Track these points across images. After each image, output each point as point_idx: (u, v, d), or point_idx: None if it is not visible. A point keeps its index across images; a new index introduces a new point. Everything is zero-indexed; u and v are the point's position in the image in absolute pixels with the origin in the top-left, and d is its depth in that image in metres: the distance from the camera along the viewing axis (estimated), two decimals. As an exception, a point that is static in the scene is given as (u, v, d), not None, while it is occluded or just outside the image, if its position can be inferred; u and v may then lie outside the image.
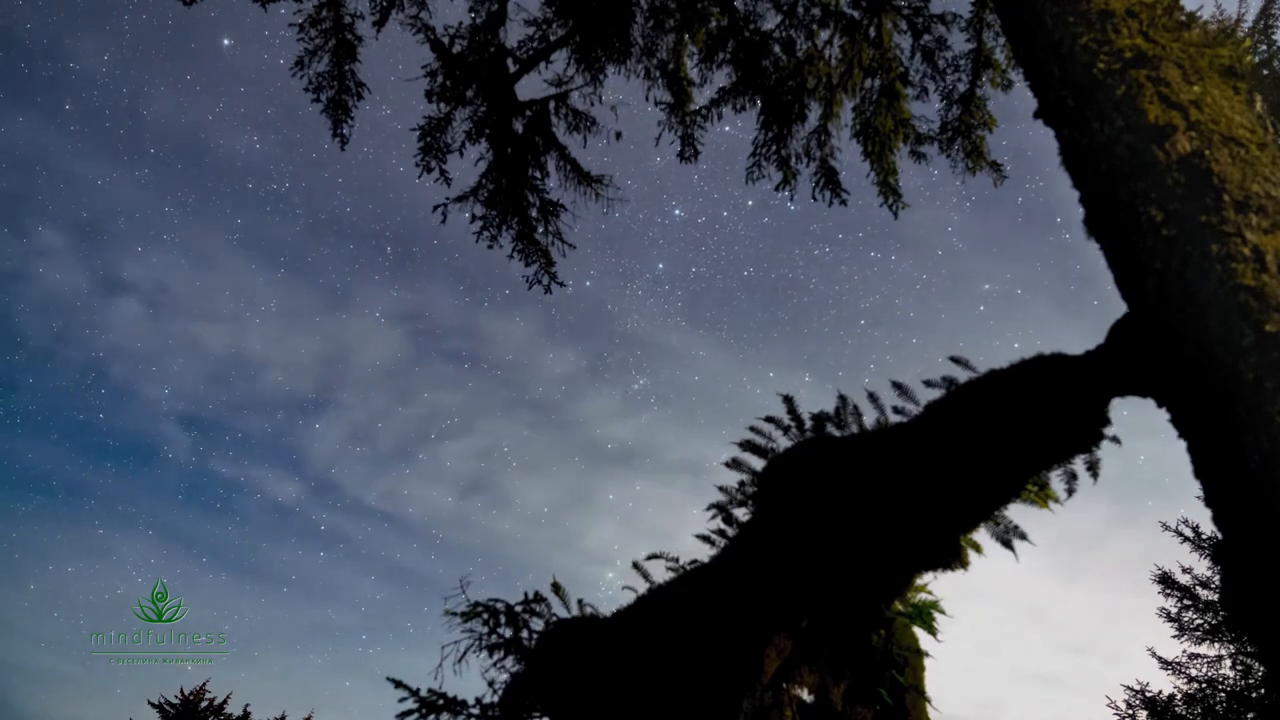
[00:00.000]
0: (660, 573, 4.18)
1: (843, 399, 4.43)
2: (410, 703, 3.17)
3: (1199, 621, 11.56)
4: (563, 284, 6.84)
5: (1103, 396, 2.49)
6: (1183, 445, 1.72)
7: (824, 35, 6.60)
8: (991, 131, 6.79)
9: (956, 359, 3.47)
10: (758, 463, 4.56)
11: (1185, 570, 11.93)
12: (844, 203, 6.96)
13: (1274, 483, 1.25)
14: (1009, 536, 3.92)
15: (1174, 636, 11.70)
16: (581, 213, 6.68)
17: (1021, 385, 2.61)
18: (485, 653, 3.28)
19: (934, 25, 6.43)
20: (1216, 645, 11.37)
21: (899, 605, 4.60)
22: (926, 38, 6.49)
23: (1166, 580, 11.98)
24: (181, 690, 15.16)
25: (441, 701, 3.16)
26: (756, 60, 6.60)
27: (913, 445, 2.78)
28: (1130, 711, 11.66)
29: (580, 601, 3.68)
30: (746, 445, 4.61)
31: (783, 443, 4.54)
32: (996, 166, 6.90)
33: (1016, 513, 3.86)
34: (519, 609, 3.37)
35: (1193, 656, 11.53)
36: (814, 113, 6.87)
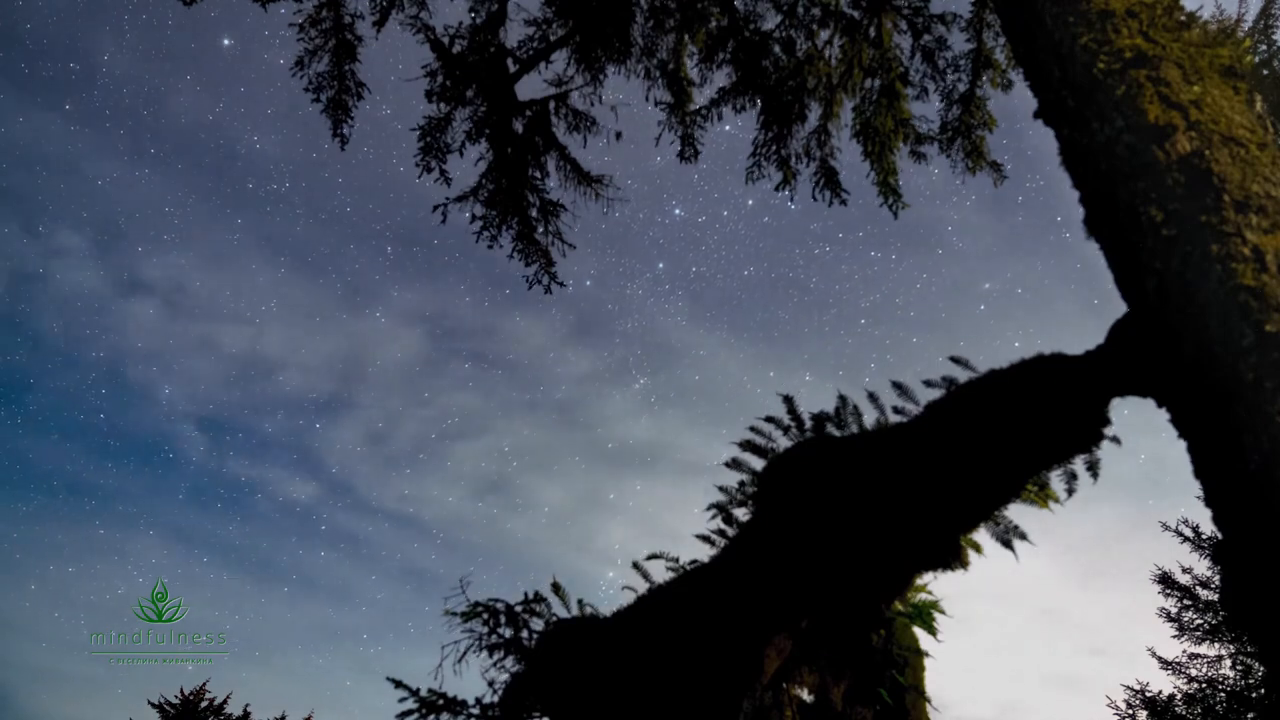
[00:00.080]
0: (660, 573, 4.19)
1: (843, 399, 4.42)
2: (410, 703, 3.17)
3: (1199, 621, 11.57)
4: (563, 284, 6.84)
5: (1103, 396, 2.49)
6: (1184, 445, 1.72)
7: (824, 35, 6.61)
8: (991, 131, 6.79)
9: (956, 359, 3.47)
10: (758, 463, 4.56)
11: (1185, 570, 11.94)
12: (844, 203, 6.96)
13: (1274, 483, 1.25)
14: (1009, 536, 3.91)
15: (1174, 636, 11.72)
16: (582, 213, 6.69)
17: (1021, 385, 2.61)
18: (485, 653, 3.28)
19: (934, 25, 6.43)
20: (1216, 645, 11.37)
21: (899, 605, 4.59)
22: (926, 38, 6.48)
23: (1166, 580, 11.99)
24: (181, 690, 15.17)
25: (441, 701, 3.16)
26: (756, 60, 6.60)
27: (913, 445, 2.78)
28: (1130, 711, 11.66)
29: (580, 601, 3.68)
30: (746, 445, 4.61)
31: (783, 443, 4.54)
32: (996, 166, 6.90)
33: (1018, 513, 3.86)
34: (519, 609, 3.37)
35: (1193, 656, 11.54)
36: (814, 113, 6.87)
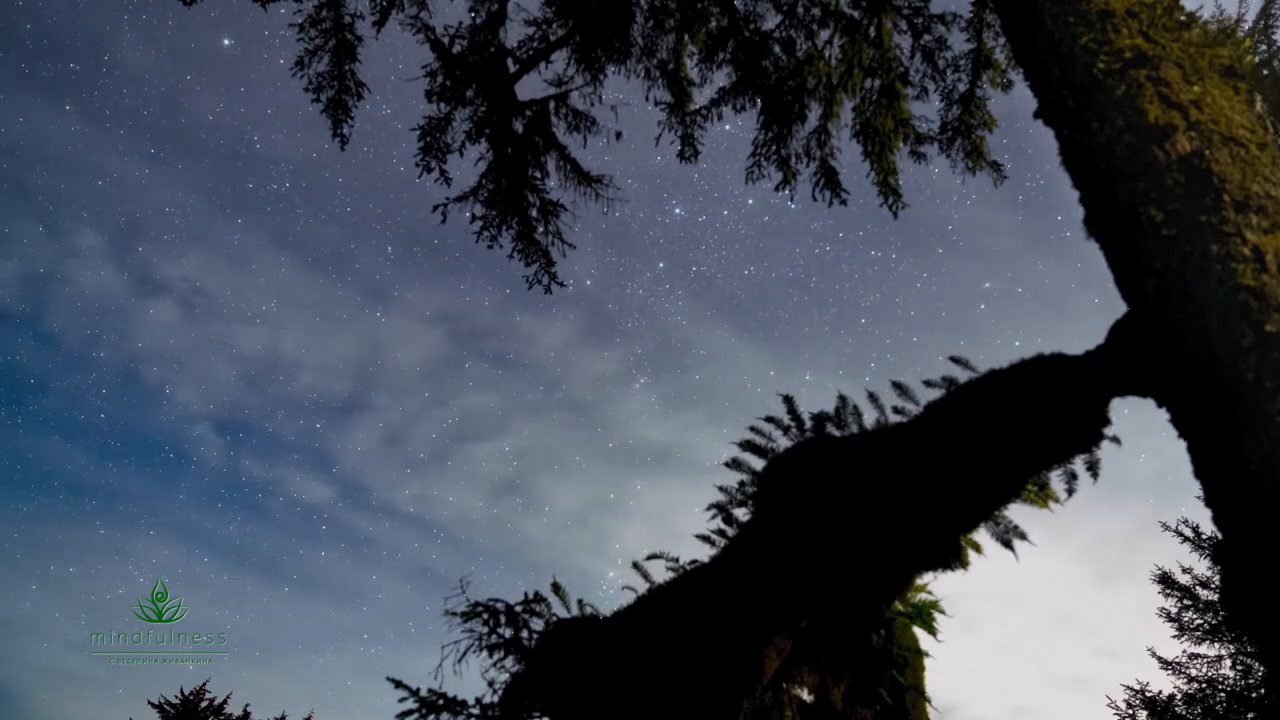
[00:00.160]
0: (660, 573, 4.19)
1: (843, 399, 4.42)
2: (410, 703, 3.17)
3: (1199, 621, 11.57)
4: (563, 284, 6.84)
5: (1103, 396, 2.49)
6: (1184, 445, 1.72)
7: (824, 35, 6.61)
8: (991, 131, 6.79)
9: (956, 359, 3.47)
10: (758, 463, 4.56)
11: (1185, 570, 11.94)
12: (844, 203, 6.96)
13: (1274, 483, 1.25)
14: (1009, 536, 3.91)
15: (1174, 636, 11.72)
16: (582, 213, 6.69)
17: (1021, 385, 2.61)
18: (485, 653, 3.28)
19: (934, 25, 6.43)
20: (1216, 645, 11.37)
21: (899, 605, 4.59)
22: (926, 38, 6.48)
23: (1166, 580, 11.99)
24: (181, 690, 15.16)
25: (441, 701, 3.16)
26: (756, 60, 6.60)
27: (913, 445, 2.78)
28: (1130, 711, 11.66)
29: (580, 601, 3.68)
30: (746, 445, 4.61)
31: (783, 443, 4.54)
32: (996, 166, 6.90)
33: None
34: (519, 609, 3.37)
35: (1193, 656, 11.54)
36: (814, 113, 6.87)
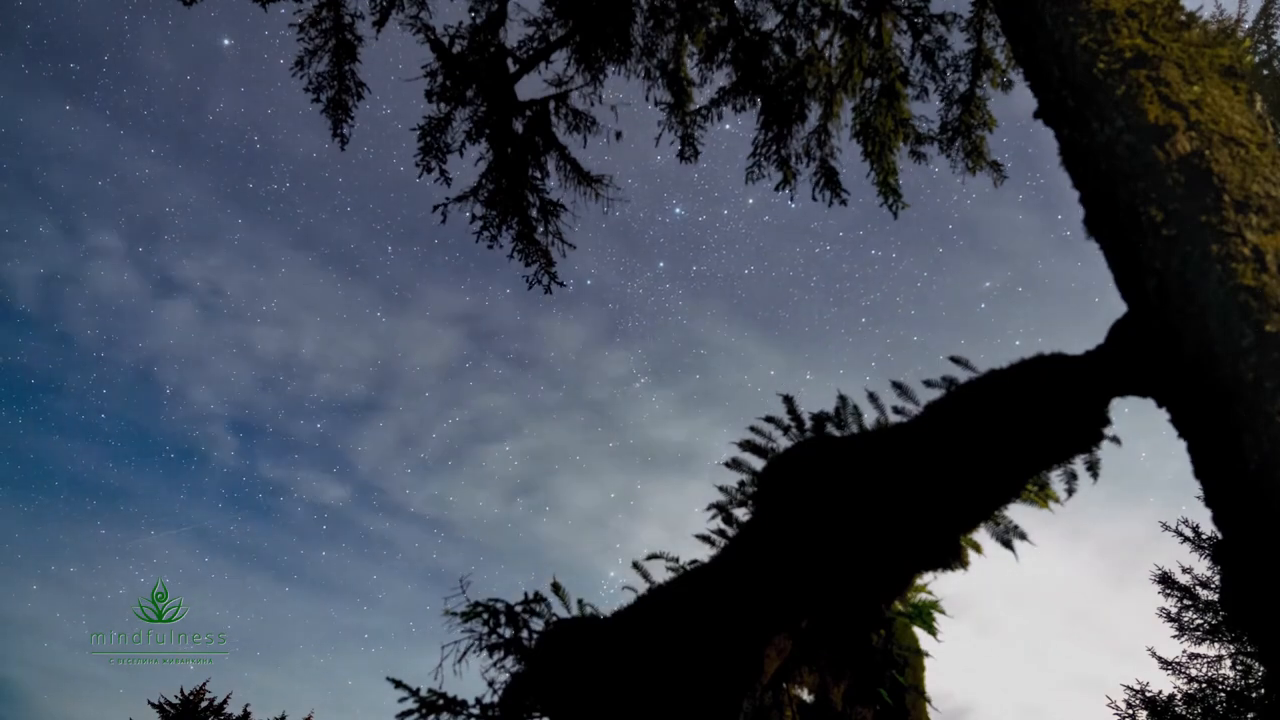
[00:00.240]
0: (660, 573, 4.19)
1: (843, 399, 4.42)
2: (410, 703, 3.17)
3: (1199, 621, 11.57)
4: (563, 284, 6.84)
5: (1103, 396, 2.49)
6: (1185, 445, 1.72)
7: (824, 35, 6.61)
8: (991, 131, 6.79)
9: (956, 359, 3.47)
10: (758, 463, 4.56)
11: (1185, 570, 11.94)
12: (844, 203, 6.96)
13: (1274, 483, 1.25)
14: (1009, 536, 3.91)
15: (1174, 636, 11.72)
16: (590, 214, 6.68)
17: (1021, 385, 2.61)
18: (485, 653, 3.28)
19: (934, 25, 6.43)
20: (1216, 645, 11.37)
21: (899, 605, 4.59)
22: (926, 38, 6.48)
23: (1166, 580, 11.99)
24: (181, 690, 15.15)
25: (441, 701, 3.16)
26: (756, 60, 6.60)
27: (913, 445, 2.78)
28: (1130, 711, 11.66)
29: (580, 601, 3.68)
30: (746, 445, 4.61)
31: (783, 443, 4.54)
32: (996, 166, 6.90)
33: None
34: (519, 609, 3.37)
35: (1193, 656, 11.53)
36: (814, 113, 6.87)
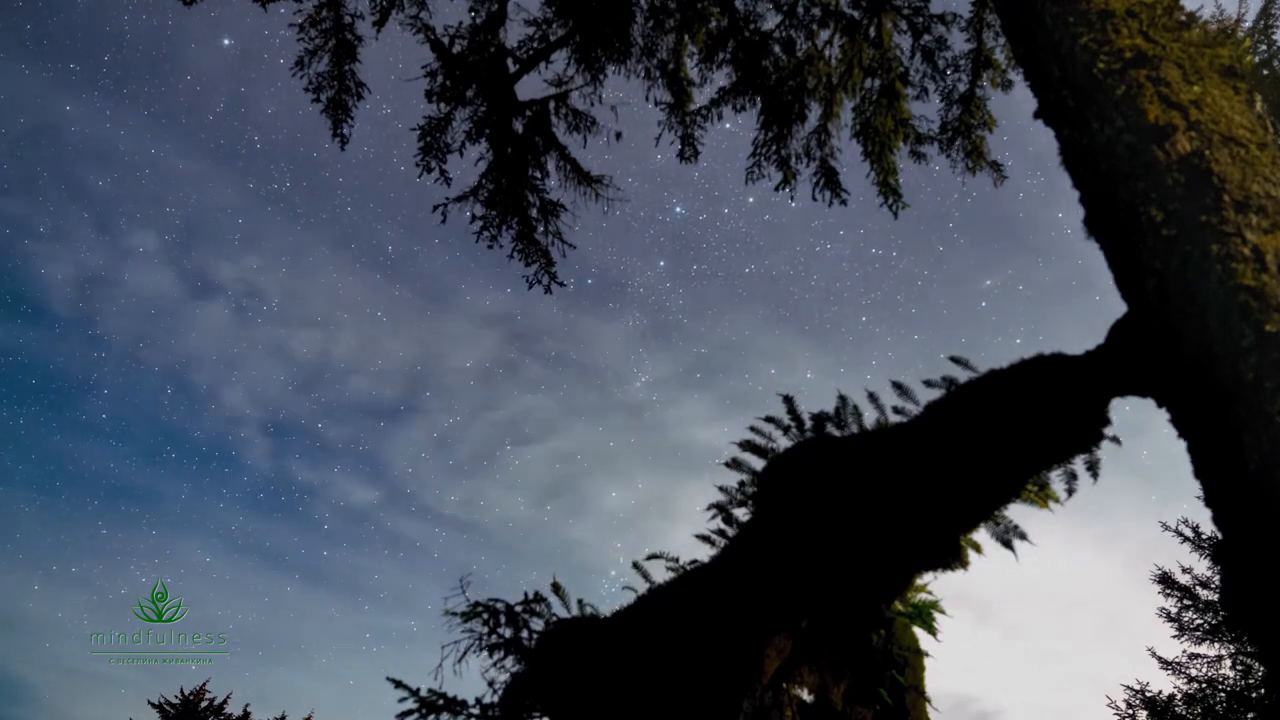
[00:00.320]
0: (660, 573, 4.19)
1: (843, 399, 4.42)
2: (410, 703, 3.17)
3: (1199, 621, 11.57)
4: (563, 284, 6.84)
5: (1103, 396, 2.49)
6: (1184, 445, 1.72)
7: (824, 35, 6.61)
8: (991, 131, 6.79)
9: (956, 359, 3.47)
10: (758, 463, 4.56)
11: (1185, 570, 11.94)
12: (844, 203, 6.96)
13: (1274, 483, 1.25)
14: (1009, 536, 3.91)
15: (1174, 636, 11.72)
16: (581, 212, 6.69)
17: (1021, 385, 2.61)
18: (485, 653, 3.28)
19: (934, 25, 6.43)
20: (1216, 645, 11.37)
21: (899, 605, 4.59)
22: (926, 38, 6.48)
23: (1166, 580, 11.99)
24: (181, 690, 15.14)
25: (441, 701, 3.16)
26: (756, 60, 6.60)
27: (913, 445, 2.78)
28: (1130, 711, 11.66)
29: (580, 601, 3.68)
30: (746, 445, 4.61)
31: (783, 443, 4.54)
32: (996, 166, 6.90)
33: (1018, 513, 3.86)
34: (519, 609, 3.37)
35: (1193, 656, 11.53)
36: (814, 113, 6.87)
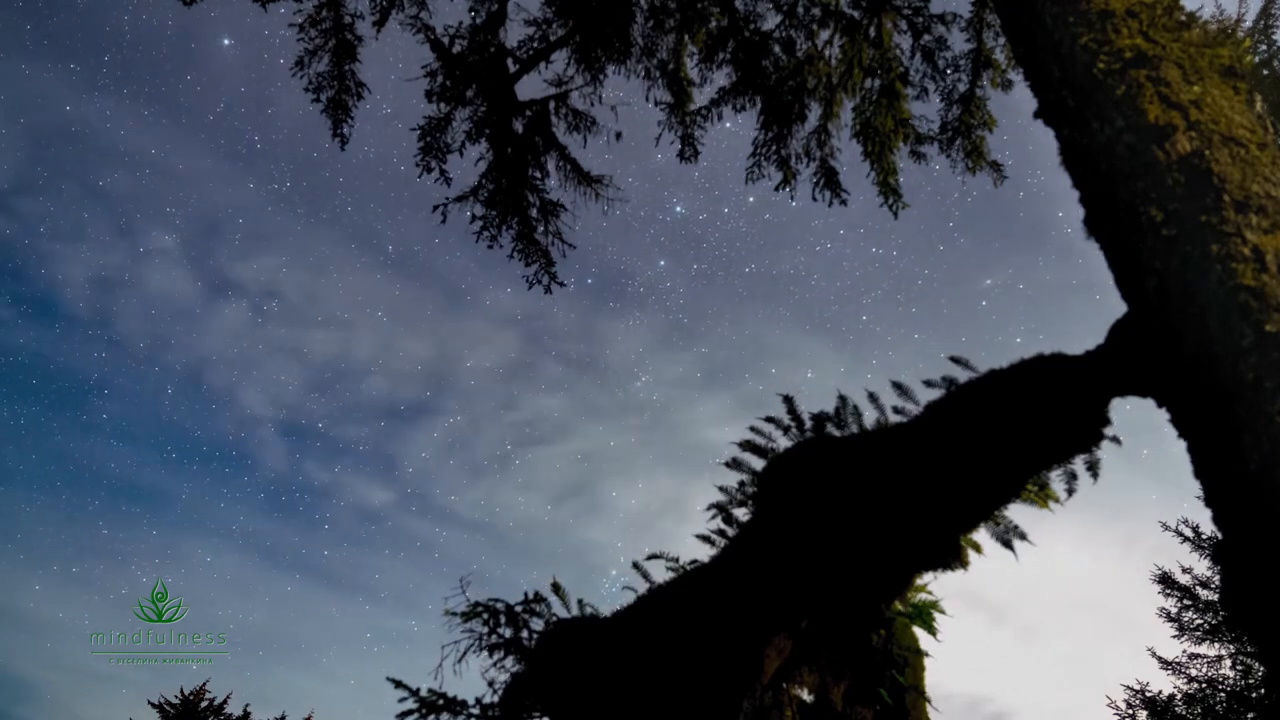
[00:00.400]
0: (660, 573, 4.19)
1: (843, 399, 4.42)
2: (410, 703, 3.17)
3: (1199, 621, 11.56)
4: (563, 284, 6.84)
5: (1103, 396, 2.49)
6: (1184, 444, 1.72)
7: (824, 35, 6.61)
8: (991, 131, 6.79)
9: (956, 359, 3.47)
10: (758, 463, 4.56)
11: (1185, 570, 11.93)
12: (844, 203, 6.96)
13: (1274, 483, 1.25)
14: (1009, 536, 3.92)
15: (1174, 636, 11.71)
16: (581, 212, 6.69)
17: (1021, 385, 2.61)
18: (485, 653, 3.28)
19: (934, 25, 6.43)
20: (1216, 645, 11.37)
21: (899, 605, 4.59)
22: (926, 38, 6.49)
23: (1166, 580, 11.98)
24: (181, 690, 15.13)
25: (441, 701, 3.16)
26: (756, 60, 6.60)
27: (913, 445, 2.78)
28: (1130, 711, 11.66)
29: (580, 601, 3.68)
30: (746, 445, 4.61)
31: (783, 443, 4.54)
32: (996, 166, 6.90)
33: (1018, 513, 3.86)
34: (519, 609, 3.37)
35: (1193, 656, 11.53)
36: (814, 113, 6.87)
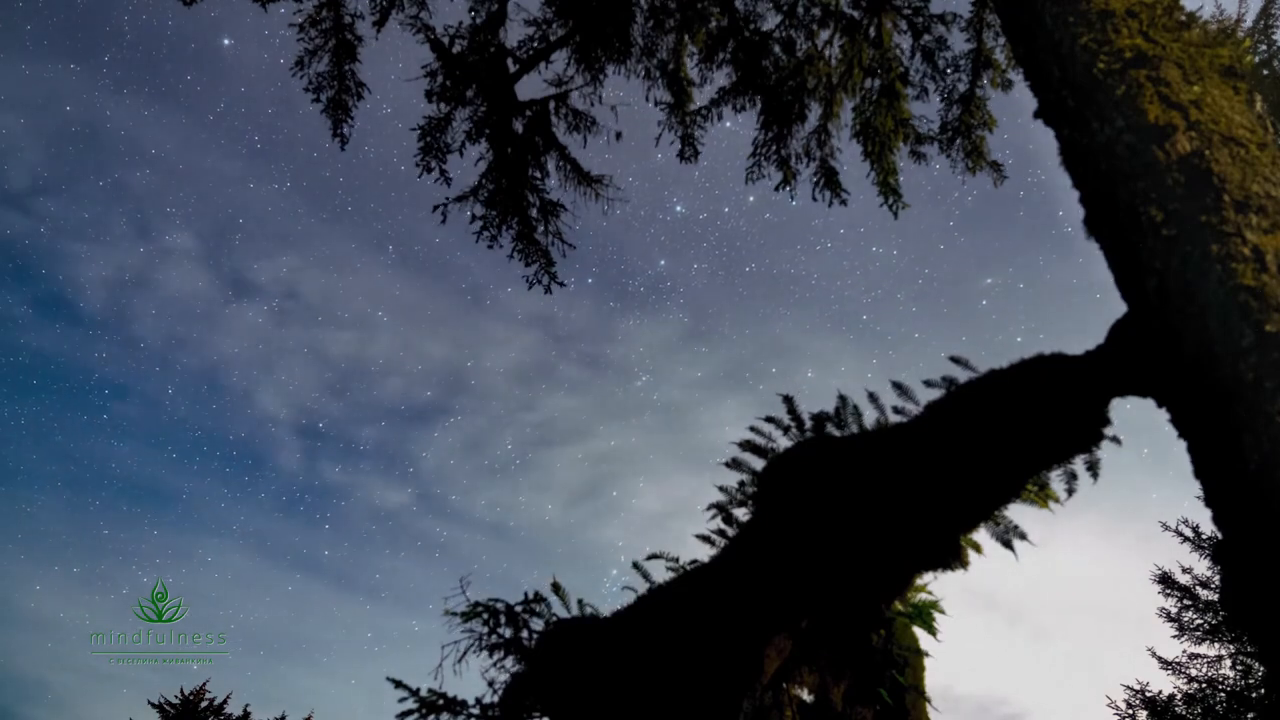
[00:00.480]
0: (660, 573, 4.19)
1: (843, 399, 4.42)
2: (410, 703, 3.17)
3: (1199, 621, 11.56)
4: (563, 284, 6.83)
5: (1103, 396, 2.49)
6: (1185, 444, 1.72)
7: (824, 35, 6.61)
8: (991, 131, 6.79)
9: (956, 359, 3.47)
10: (758, 463, 4.56)
11: (1185, 570, 11.93)
12: (844, 203, 6.96)
13: (1274, 483, 1.25)
14: (1009, 536, 3.91)
15: (1174, 636, 11.71)
16: (582, 213, 6.69)
17: (1021, 385, 2.61)
18: (485, 653, 3.28)
19: (934, 25, 6.43)
20: (1216, 645, 11.37)
21: (899, 605, 4.59)
22: (926, 38, 6.48)
23: (1166, 580, 11.98)
24: (181, 690, 15.13)
25: (441, 701, 3.16)
26: (756, 60, 6.60)
27: (913, 445, 2.78)
28: (1130, 711, 11.66)
29: (580, 601, 3.68)
30: (746, 445, 4.61)
31: (783, 443, 4.54)
32: (996, 166, 6.90)
33: (1018, 513, 3.86)
34: (519, 609, 3.37)
35: (1193, 656, 11.53)
36: (814, 113, 6.87)
